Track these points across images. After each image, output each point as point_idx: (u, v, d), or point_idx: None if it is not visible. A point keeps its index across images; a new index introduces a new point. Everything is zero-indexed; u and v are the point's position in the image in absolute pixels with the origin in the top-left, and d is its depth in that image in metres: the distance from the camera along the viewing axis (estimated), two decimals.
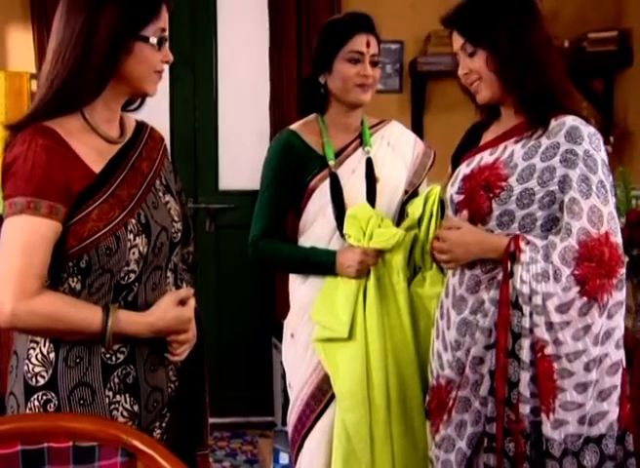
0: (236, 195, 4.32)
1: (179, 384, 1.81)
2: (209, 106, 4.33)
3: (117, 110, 1.73)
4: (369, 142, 2.47)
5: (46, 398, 1.65)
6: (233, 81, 4.31)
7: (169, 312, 1.69)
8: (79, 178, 1.61)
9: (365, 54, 2.39)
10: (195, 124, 4.33)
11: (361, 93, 2.40)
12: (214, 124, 4.33)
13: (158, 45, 1.67)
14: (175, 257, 1.79)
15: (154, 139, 1.83)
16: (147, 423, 1.74)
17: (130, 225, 1.65)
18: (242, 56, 4.31)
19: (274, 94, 4.10)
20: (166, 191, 1.78)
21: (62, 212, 1.59)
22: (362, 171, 2.43)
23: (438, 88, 4.19)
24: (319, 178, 2.42)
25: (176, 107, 4.29)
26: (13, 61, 4.05)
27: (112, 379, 1.67)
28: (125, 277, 1.66)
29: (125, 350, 1.68)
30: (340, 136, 2.46)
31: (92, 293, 1.64)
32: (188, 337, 1.74)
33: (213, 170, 4.35)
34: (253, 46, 4.27)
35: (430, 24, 3.91)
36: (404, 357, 2.33)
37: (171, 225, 1.75)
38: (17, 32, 4.03)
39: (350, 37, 2.38)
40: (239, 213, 4.26)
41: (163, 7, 1.68)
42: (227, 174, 4.35)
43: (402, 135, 2.57)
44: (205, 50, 4.31)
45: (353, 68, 2.38)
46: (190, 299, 1.74)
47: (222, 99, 4.33)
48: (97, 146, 1.67)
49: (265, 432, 4.10)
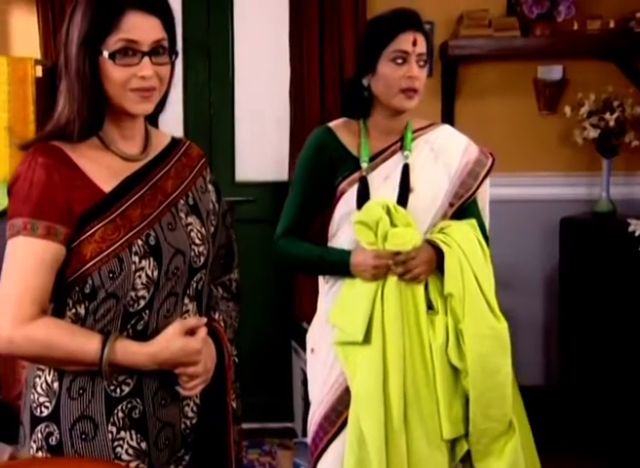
0: (254, 187, 4.22)
1: (198, 421, 1.72)
2: (225, 93, 4.20)
3: (133, 127, 1.67)
4: (409, 147, 2.32)
5: (48, 430, 1.61)
6: (250, 65, 4.20)
7: (174, 342, 1.59)
8: (84, 198, 1.58)
9: (411, 53, 2.24)
10: (210, 111, 4.19)
11: (405, 99, 2.26)
12: (230, 111, 4.21)
13: (111, 58, 1.54)
14: (198, 284, 1.71)
15: (189, 157, 1.78)
16: (160, 463, 1.67)
17: (135, 247, 1.59)
18: (260, 38, 4.19)
19: (295, 78, 3.96)
20: (190, 212, 1.71)
21: (63, 233, 1.55)
22: (396, 178, 2.28)
23: (470, 72, 4.04)
24: (349, 182, 2.31)
25: (189, 94, 4.14)
26: (16, 46, 3.97)
27: (116, 413, 1.61)
28: (134, 303, 1.60)
29: (131, 382, 1.62)
30: (381, 138, 2.34)
31: (97, 320, 1.60)
32: (198, 371, 1.63)
33: (229, 160, 4.21)
34: (271, 27, 4.14)
35: (462, 4, 3.92)
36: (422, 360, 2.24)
37: (189, 249, 1.67)
38: (20, 16, 3.95)
39: (395, 35, 2.24)
40: (257, 206, 4.16)
41: (126, 14, 1.54)
42: (245, 164, 4.23)
43: (451, 140, 2.38)
44: (220, 32, 4.18)
45: (398, 70, 2.24)
46: (200, 329, 1.64)
47: (239, 85, 4.21)
48: (110, 164, 1.63)
49: (285, 441, 3.96)
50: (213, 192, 1.82)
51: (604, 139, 3.79)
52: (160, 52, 1.58)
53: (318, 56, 3.90)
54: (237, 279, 1.89)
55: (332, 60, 3.88)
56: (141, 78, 1.56)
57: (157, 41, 1.57)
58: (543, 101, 4.03)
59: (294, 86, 3.96)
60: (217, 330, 1.75)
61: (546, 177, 4.04)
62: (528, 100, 4.04)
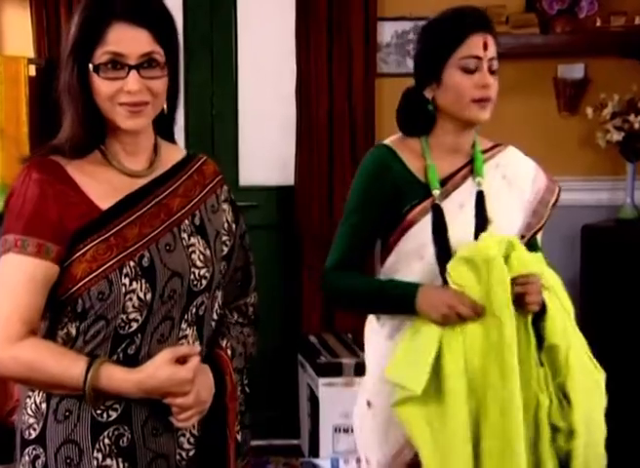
0: (259, 192, 4.18)
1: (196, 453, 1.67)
2: (228, 93, 4.17)
3: (136, 142, 1.65)
4: (480, 172, 2.07)
5: (35, 453, 1.60)
6: (255, 64, 4.17)
7: (162, 371, 1.55)
8: (78, 215, 1.57)
9: (482, 58, 1.99)
10: (213, 112, 4.16)
11: (479, 110, 2.00)
12: (233, 112, 4.19)
13: (95, 71, 1.54)
14: (199, 308, 1.67)
15: (203, 174, 1.75)
16: None
17: (126, 268, 1.57)
18: (265, 36, 4.16)
19: (301, 78, 3.93)
20: (195, 233, 1.67)
21: (55, 251, 1.55)
22: (471, 207, 2.03)
23: None
24: (419, 211, 2.02)
25: (191, 94, 4.05)
26: (9, 45, 3.94)
27: (102, 439, 1.58)
28: (125, 326, 1.58)
29: (118, 407, 1.58)
30: (447, 159, 2.08)
31: (87, 342, 1.58)
32: (186, 402, 1.57)
33: (232, 163, 4.15)
34: (277, 24, 4.11)
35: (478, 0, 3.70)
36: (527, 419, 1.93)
37: (189, 271, 1.64)
38: (13, 13, 3.92)
39: (463, 39, 1.99)
40: (262, 211, 4.09)
41: (113, 25, 1.53)
42: (249, 168, 4.19)
43: (519, 165, 2.16)
44: (223, 29, 4.14)
45: (469, 78, 1.99)
46: (193, 358, 1.58)
47: (243, 85, 4.19)
48: (111, 181, 1.62)
49: (290, 460, 3.87)
50: (229, 211, 1.77)
51: (628, 142, 3.70)
52: (152, 65, 1.56)
53: (326, 54, 3.87)
54: (254, 303, 1.84)
55: (340, 59, 3.84)
56: (128, 93, 1.55)
57: (146, 54, 1.54)
58: (564, 102, 3.95)
59: (300, 86, 3.93)
60: (220, 358, 1.69)
61: (567, 182, 3.84)
62: (547, 101, 3.97)
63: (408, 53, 3.83)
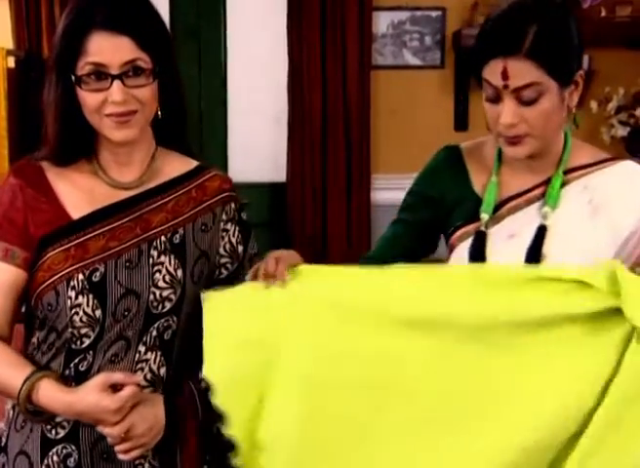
0: (249, 189, 4.00)
1: None
2: (217, 85, 4.13)
3: (129, 153, 1.64)
4: (553, 200, 1.68)
5: (2, 461, 1.64)
6: (245, 54, 4.12)
7: (90, 395, 1.51)
8: (45, 222, 1.58)
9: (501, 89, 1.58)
10: (200, 105, 4.09)
11: (509, 147, 1.65)
12: (222, 106, 4.15)
13: (77, 83, 1.53)
14: (164, 332, 1.62)
15: (204, 190, 1.70)
16: None
17: (73, 281, 1.57)
18: (255, 26, 4.12)
19: (293, 70, 3.89)
20: (168, 251, 1.63)
21: (21, 256, 1.58)
22: (526, 240, 1.67)
23: None
24: (461, 235, 1.73)
25: None
26: None
27: (51, 456, 1.59)
28: (76, 341, 1.58)
29: (66, 425, 1.58)
30: (521, 175, 1.72)
31: (44, 353, 1.61)
32: (113, 433, 1.51)
33: (221, 159, 4.09)
34: (267, 14, 4.08)
35: None
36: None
37: (148, 291, 1.60)
38: None
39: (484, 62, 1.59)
40: (253, 209, 3.91)
41: (92, 35, 1.52)
42: (239, 164, 4.12)
43: (624, 190, 1.68)
44: (211, 17, 4.09)
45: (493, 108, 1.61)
46: (127, 388, 1.51)
47: (232, 77, 4.15)
48: (93, 190, 1.63)
49: None
50: (234, 232, 1.71)
51: (634, 138, 3.69)
52: (137, 73, 1.54)
53: (319, 45, 3.83)
54: None
55: (334, 50, 3.80)
56: (113, 103, 1.54)
57: (129, 62, 1.52)
58: None
59: (292, 78, 3.89)
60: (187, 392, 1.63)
61: None
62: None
63: (404, 44, 3.90)
